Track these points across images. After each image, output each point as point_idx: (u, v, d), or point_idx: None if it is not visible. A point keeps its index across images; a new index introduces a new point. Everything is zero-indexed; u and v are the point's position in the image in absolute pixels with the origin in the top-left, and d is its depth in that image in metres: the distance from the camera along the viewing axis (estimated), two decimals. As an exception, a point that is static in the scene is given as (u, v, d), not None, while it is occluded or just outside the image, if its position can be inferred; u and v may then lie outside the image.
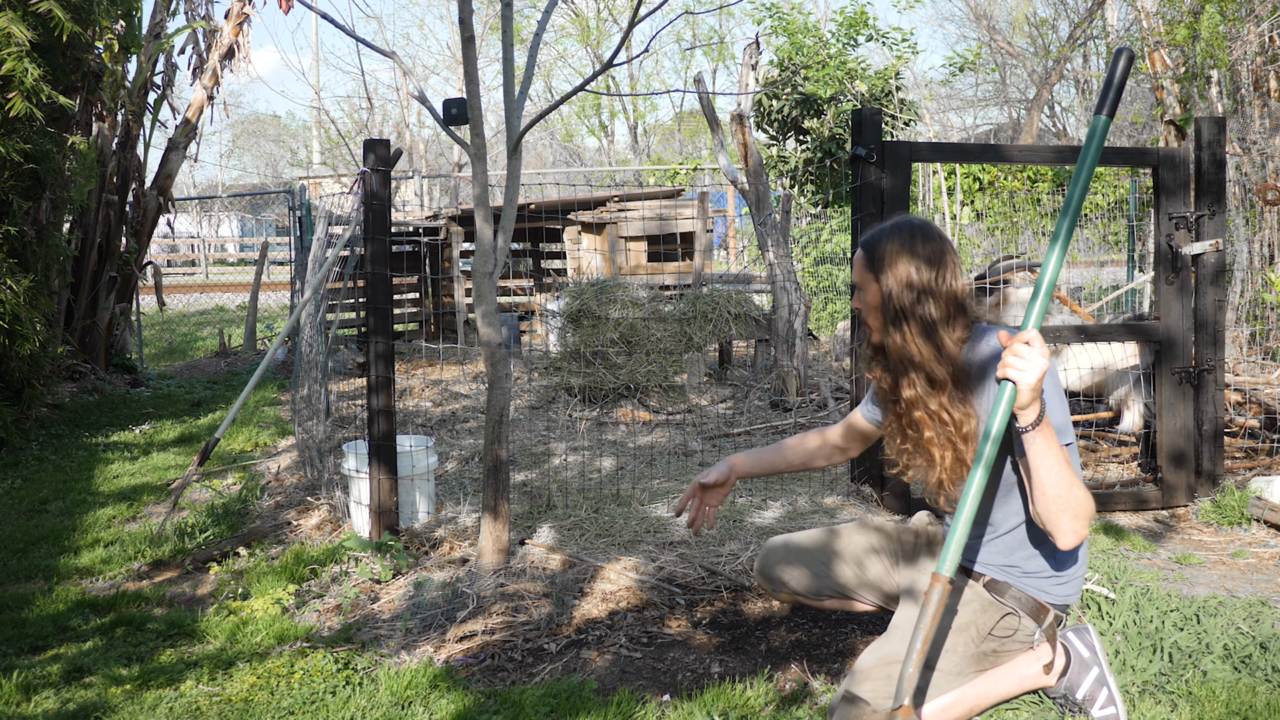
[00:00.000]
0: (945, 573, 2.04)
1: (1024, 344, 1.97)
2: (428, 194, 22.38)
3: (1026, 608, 2.26)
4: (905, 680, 2.03)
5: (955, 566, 2.05)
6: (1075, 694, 2.32)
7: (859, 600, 2.66)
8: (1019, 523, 2.26)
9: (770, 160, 13.43)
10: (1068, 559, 2.27)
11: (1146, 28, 9.00)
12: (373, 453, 3.52)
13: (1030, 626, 2.27)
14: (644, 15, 3.16)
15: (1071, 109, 22.68)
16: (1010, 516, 2.27)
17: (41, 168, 5.88)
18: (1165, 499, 4.03)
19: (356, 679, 2.61)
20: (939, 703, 2.23)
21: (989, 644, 2.26)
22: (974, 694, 2.28)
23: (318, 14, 3.62)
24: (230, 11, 8.47)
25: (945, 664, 2.24)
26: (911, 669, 2.03)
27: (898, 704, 2.03)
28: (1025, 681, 2.33)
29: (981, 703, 2.30)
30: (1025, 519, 2.25)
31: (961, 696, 2.26)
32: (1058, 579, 2.27)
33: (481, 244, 3.18)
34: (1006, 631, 2.26)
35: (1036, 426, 2.01)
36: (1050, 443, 2.02)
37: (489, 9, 23.52)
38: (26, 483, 4.92)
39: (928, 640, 2.04)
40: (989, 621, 2.25)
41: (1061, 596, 2.28)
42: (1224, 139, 4.04)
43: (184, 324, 14.51)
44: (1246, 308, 6.71)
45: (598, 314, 6.64)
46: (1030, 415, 2.00)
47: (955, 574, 2.18)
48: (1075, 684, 2.33)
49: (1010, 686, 2.32)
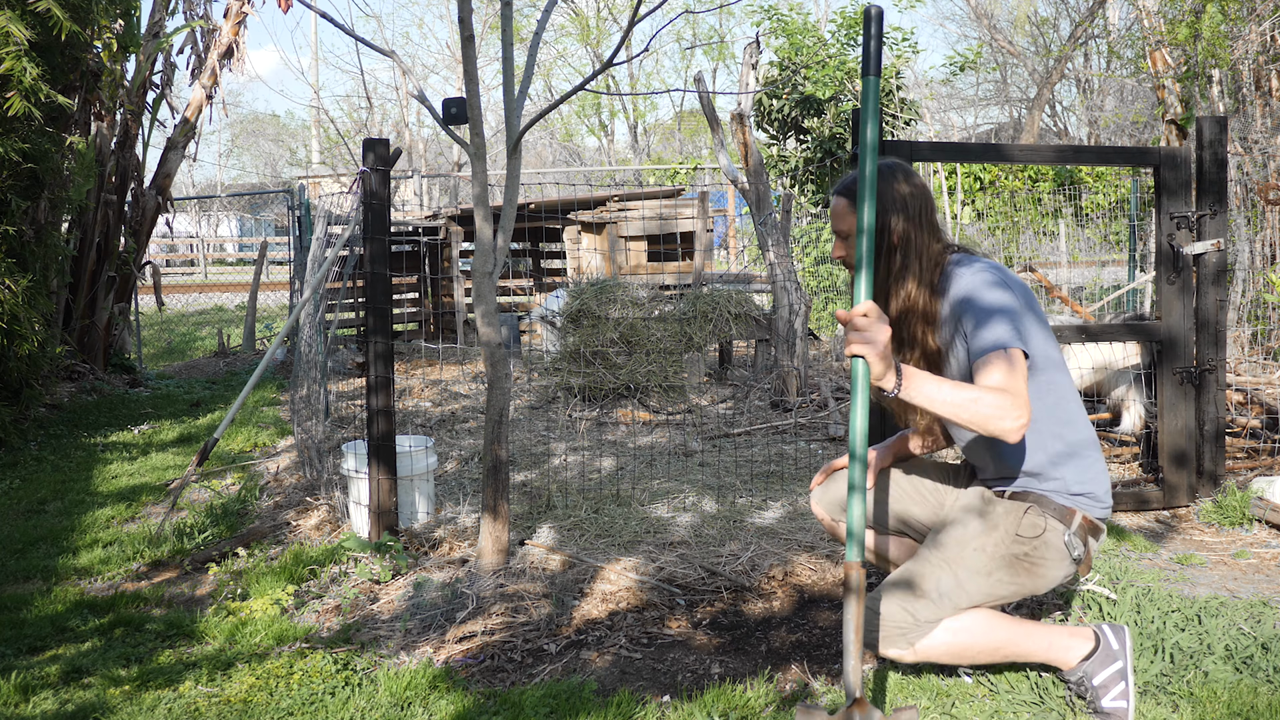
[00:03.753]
0: (853, 559, 2.10)
1: (861, 316, 2.03)
2: (427, 193, 22.37)
3: (1050, 508, 2.29)
4: (851, 674, 2.06)
5: (861, 553, 2.10)
6: (1092, 679, 2.32)
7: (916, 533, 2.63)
8: (1003, 452, 2.33)
9: (770, 160, 13.43)
10: (1075, 460, 2.29)
11: (1148, 27, 8.99)
12: (372, 453, 3.52)
13: (1058, 528, 2.27)
14: (644, 14, 3.15)
15: (1073, 108, 22.68)
16: (1006, 456, 2.33)
17: (40, 167, 5.86)
18: (1167, 499, 4.02)
19: (356, 680, 2.60)
20: (972, 617, 2.27)
21: (1018, 545, 2.27)
22: (1006, 631, 2.30)
23: (317, 13, 3.61)
24: (229, 10, 8.46)
25: (975, 562, 2.26)
26: (854, 661, 2.07)
27: (850, 700, 2.07)
28: (1054, 650, 2.34)
29: (1008, 646, 2.31)
30: (1018, 448, 2.30)
31: (994, 625, 2.28)
32: (1075, 481, 2.29)
33: (481, 244, 3.17)
34: (1034, 530, 2.27)
35: (901, 388, 2.07)
36: (924, 385, 2.09)
37: (489, 8, 23.50)
38: (25, 483, 4.91)
39: (859, 630, 2.08)
40: (1014, 521, 2.28)
41: (1085, 500, 2.30)
42: (1225, 138, 4.03)
43: (183, 324, 14.51)
44: (1248, 307, 6.70)
45: (598, 314, 6.63)
46: (890, 380, 2.06)
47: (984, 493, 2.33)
48: (1094, 671, 2.33)
49: (1038, 646, 2.33)
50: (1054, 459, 2.30)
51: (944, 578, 2.27)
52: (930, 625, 2.25)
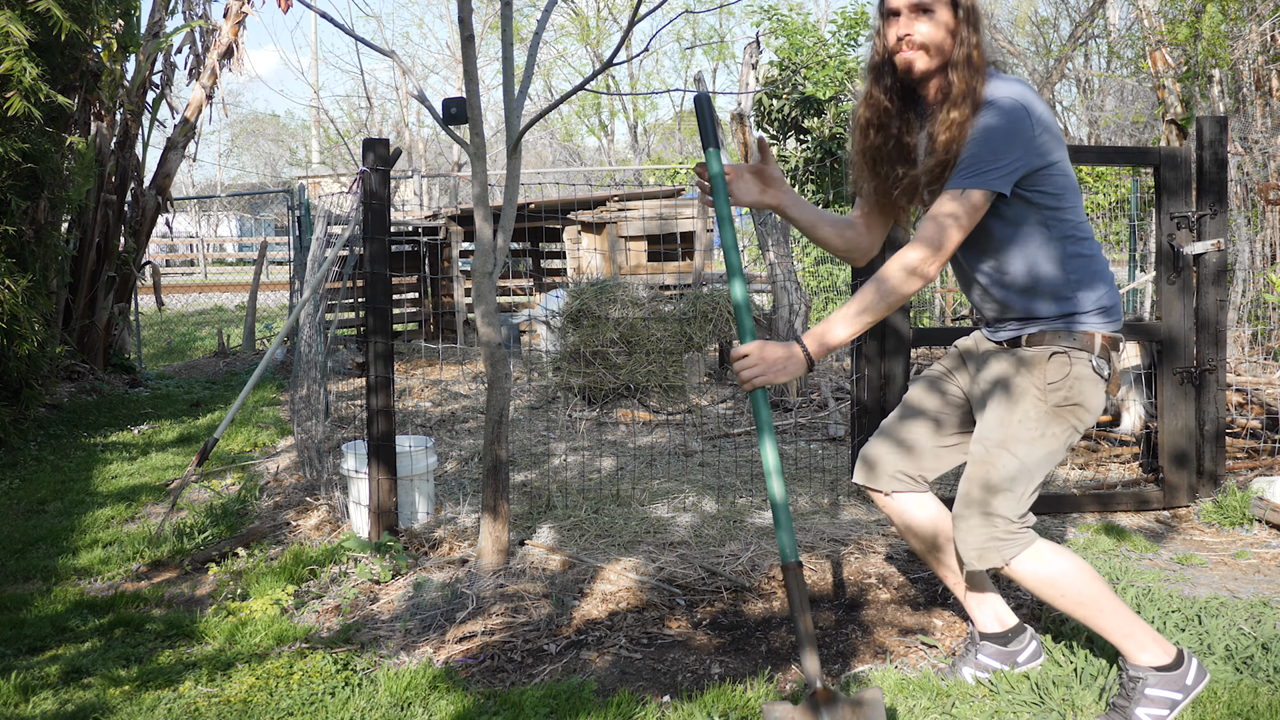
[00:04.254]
0: (791, 559, 2.18)
1: (742, 357, 2.19)
2: (427, 193, 22.37)
3: (1066, 341, 2.25)
4: (809, 663, 2.12)
5: (795, 551, 2.19)
6: (1147, 687, 2.25)
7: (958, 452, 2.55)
8: (1013, 280, 2.28)
9: (770, 160, 13.40)
10: (1083, 283, 2.25)
11: (1148, 26, 8.99)
12: (372, 453, 3.51)
13: (1083, 357, 2.24)
14: (644, 14, 3.15)
15: (1073, 108, 22.68)
16: (1006, 280, 2.28)
17: (40, 167, 5.86)
18: (1167, 499, 4.02)
19: (356, 680, 2.60)
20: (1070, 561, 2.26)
21: (1055, 393, 2.24)
22: (1097, 589, 2.26)
23: (317, 13, 3.61)
24: (228, 10, 8.45)
25: (1025, 433, 2.24)
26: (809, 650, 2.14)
27: (810, 690, 2.09)
28: (1133, 639, 2.27)
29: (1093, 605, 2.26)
30: (1015, 273, 2.27)
31: (1089, 578, 2.26)
32: (1087, 302, 2.26)
33: (481, 243, 3.17)
34: (1062, 371, 2.24)
35: (813, 355, 2.18)
36: (830, 334, 2.18)
37: (488, 8, 23.50)
38: (25, 483, 4.91)
39: (808, 624, 2.15)
40: (1041, 373, 2.25)
41: (1097, 319, 2.26)
42: (1226, 138, 4.03)
43: (183, 324, 14.51)
44: (1248, 307, 6.70)
45: (598, 314, 6.63)
46: (798, 365, 2.18)
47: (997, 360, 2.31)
48: (1155, 683, 2.26)
49: (1120, 625, 2.28)
50: (1060, 288, 2.25)
51: (1004, 463, 2.24)
52: (1019, 529, 2.24)
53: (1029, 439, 2.25)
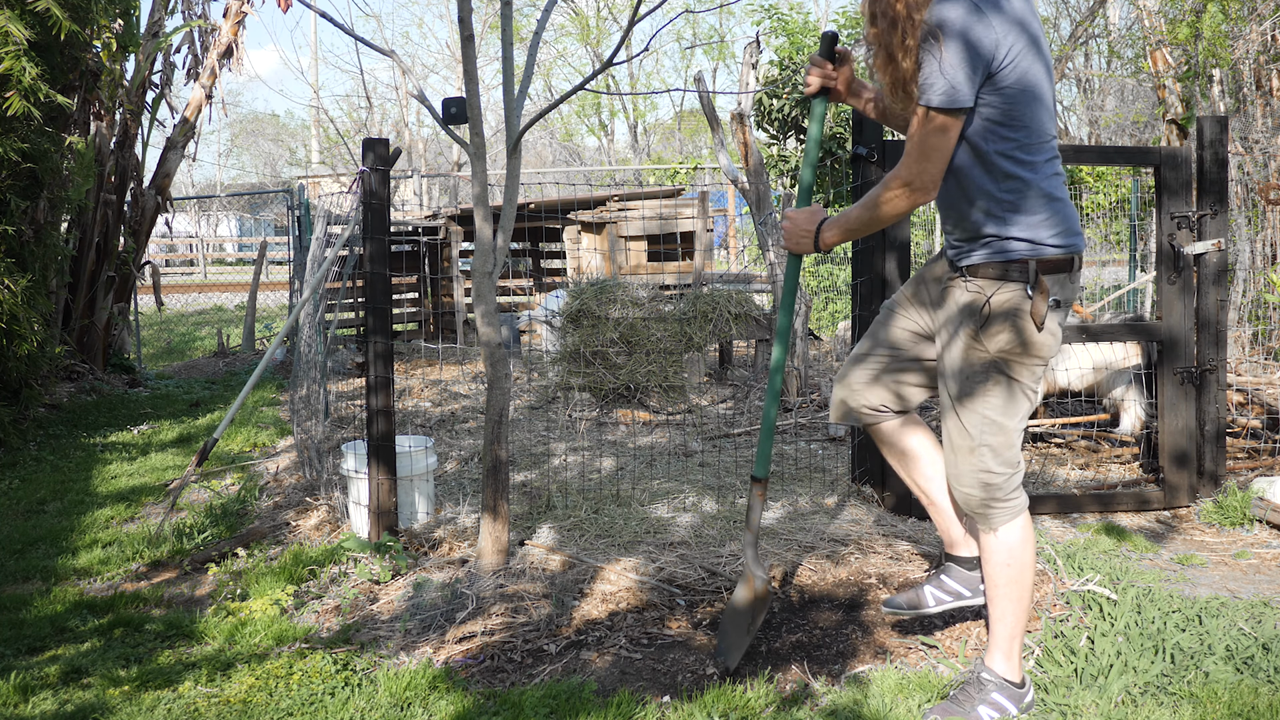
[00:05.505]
0: (760, 475, 2.60)
1: (789, 221, 2.45)
2: (427, 193, 22.36)
3: (1000, 270, 2.24)
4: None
5: (767, 469, 2.60)
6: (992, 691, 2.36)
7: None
8: (969, 207, 2.28)
9: (771, 159, 13.41)
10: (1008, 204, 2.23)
11: (1148, 26, 8.99)
12: (372, 453, 3.51)
13: (1018, 289, 2.22)
14: (644, 14, 3.14)
15: (1073, 108, 22.68)
16: (962, 208, 2.29)
17: (39, 167, 5.86)
18: (1167, 499, 4.01)
19: (355, 680, 2.60)
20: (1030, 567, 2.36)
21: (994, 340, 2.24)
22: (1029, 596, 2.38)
23: (316, 12, 3.61)
24: (228, 10, 8.45)
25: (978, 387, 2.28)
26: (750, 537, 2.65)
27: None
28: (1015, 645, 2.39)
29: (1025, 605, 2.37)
30: (949, 187, 2.29)
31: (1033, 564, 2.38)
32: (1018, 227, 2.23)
33: (481, 243, 3.16)
34: (1007, 305, 2.23)
35: (822, 243, 2.40)
36: (833, 230, 2.38)
37: (488, 8, 23.49)
38: (24, 483, 4.90)
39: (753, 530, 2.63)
40: (977, 321, 2.25)
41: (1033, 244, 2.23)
42: (1226, 138, 4.03)
43: (182, 324, 14.50)
44: (1249, 307, 6.69)
45: (598, 314, 6.63)
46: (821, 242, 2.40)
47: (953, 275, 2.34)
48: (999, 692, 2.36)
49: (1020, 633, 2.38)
50: (992, 207, 2.24)
51: (971, 423, 2.28)
52: (1013, 489, 2.31)
53: (984, 392, 2.27)
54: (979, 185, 2.24)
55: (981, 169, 2.23)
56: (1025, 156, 2.22)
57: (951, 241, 2.37)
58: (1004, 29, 2.13)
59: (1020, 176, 2.22)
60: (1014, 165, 2.21)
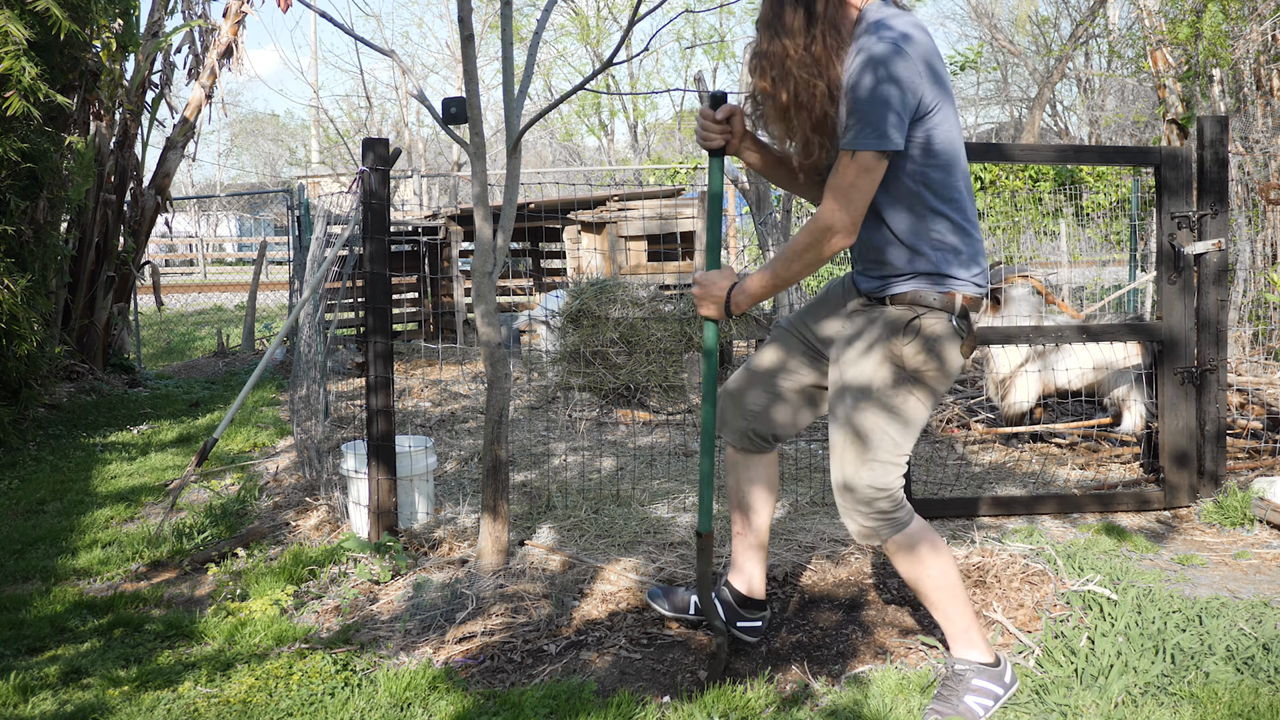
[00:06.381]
0: (704, 530, 2.55)
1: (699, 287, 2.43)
2: (427, 193, 22.36)
3: (927, 299, 2.27)
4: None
5: (710, 521, 2.54)
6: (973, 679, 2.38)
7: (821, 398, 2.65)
8: (882, 241, 2.30)
9: (770, 159, 13.39)
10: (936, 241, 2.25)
11: (1149, 26, 8.98)
12: (372, 453, 3.51)
13: (943, 316, 2.26)
14: (644, 14, 3.14)
15: (1074, 108, 22.68)
16: (883, 247, 2.30)
17: (39, 167, 5.85)
18: (1167, 499, 4.01)
19: (355, 680, 2.59)
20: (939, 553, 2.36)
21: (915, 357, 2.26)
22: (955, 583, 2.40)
23: (316, 12, 3.61)
24: (228, 10, 8.45)
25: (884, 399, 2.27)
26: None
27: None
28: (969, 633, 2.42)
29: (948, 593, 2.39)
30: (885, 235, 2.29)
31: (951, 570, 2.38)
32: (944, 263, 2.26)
33: (481, 243, 3.16)
34: (922, 335, 2.26)
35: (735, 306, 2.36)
36: (752, 288, 2.35)
37: (488, 7, 23.49)
38: (24, 483, 4.90)
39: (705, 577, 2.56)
40: (899, 337, 2.27)
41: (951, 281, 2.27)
42: (1227, 138, 4.02)
43: (182, 324, 14.50)
44: (1249, 307, 6.69)
45: (598, 314, 6.63)
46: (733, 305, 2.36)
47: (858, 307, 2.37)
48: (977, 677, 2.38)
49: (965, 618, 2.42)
50: (919, 244, 2.26)
51: (869, 435, 2.28)
52: (897, 505, 2.32)
53: (889, 406, 2.27)
54: (904, 223, 2.26)
55: (904, 207, 2.25)
56: (949, 195, 2.25)
57: (871, 276, 2.37)
58: (923, 66, 2.15)
59: (943, 213, 2.25)
60: (939, 202, 2.25)
